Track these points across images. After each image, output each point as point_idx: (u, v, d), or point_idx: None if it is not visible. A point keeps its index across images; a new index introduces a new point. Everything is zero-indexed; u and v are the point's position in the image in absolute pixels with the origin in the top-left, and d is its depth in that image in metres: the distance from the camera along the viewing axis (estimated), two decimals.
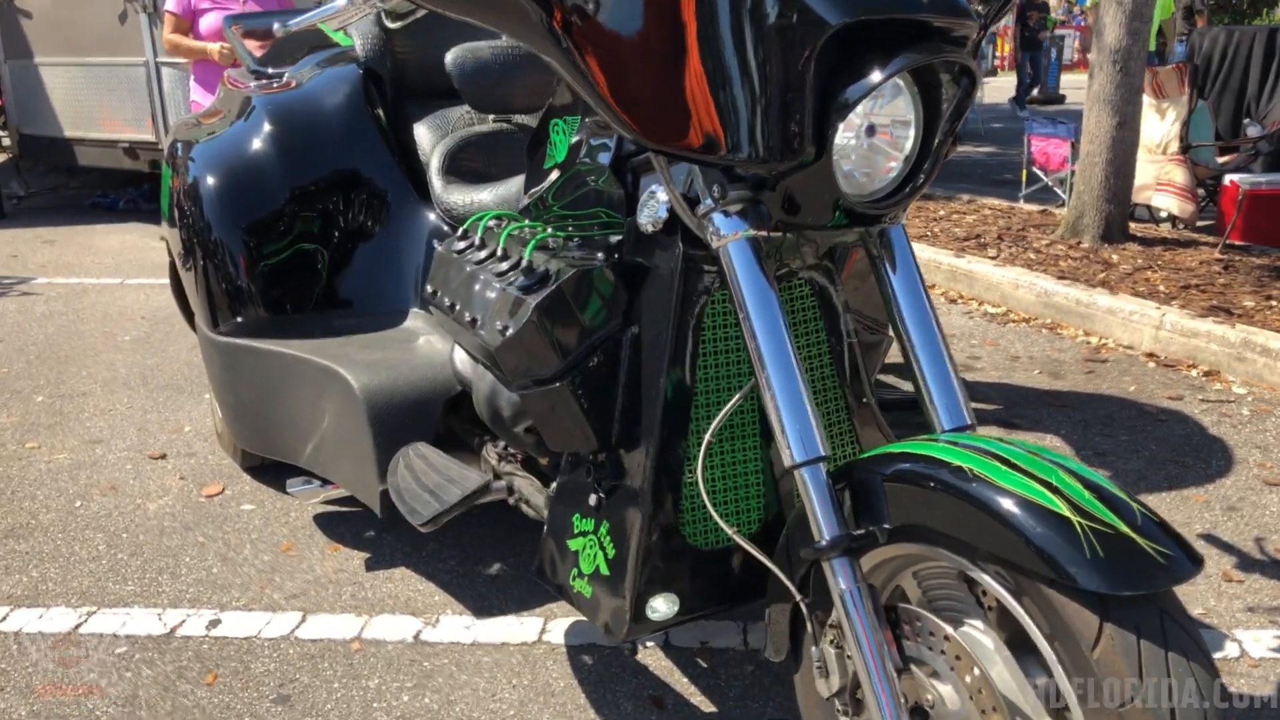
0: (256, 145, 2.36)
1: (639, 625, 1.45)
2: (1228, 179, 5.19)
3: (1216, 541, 2.33)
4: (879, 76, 1.14)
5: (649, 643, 1.95)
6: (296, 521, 2.46)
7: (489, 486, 1.74)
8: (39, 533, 2.42)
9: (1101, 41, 4.65)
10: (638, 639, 1.94)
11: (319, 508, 2.51)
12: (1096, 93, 4.70)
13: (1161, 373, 3.49)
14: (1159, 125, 5.40)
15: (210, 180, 2.33)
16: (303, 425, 2.18)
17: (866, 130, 1.24)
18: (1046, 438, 2.91)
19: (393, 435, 1.93)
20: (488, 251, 1.65)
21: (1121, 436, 2.93)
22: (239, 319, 2.32)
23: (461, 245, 1.72)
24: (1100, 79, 4.67)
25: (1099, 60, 4.68)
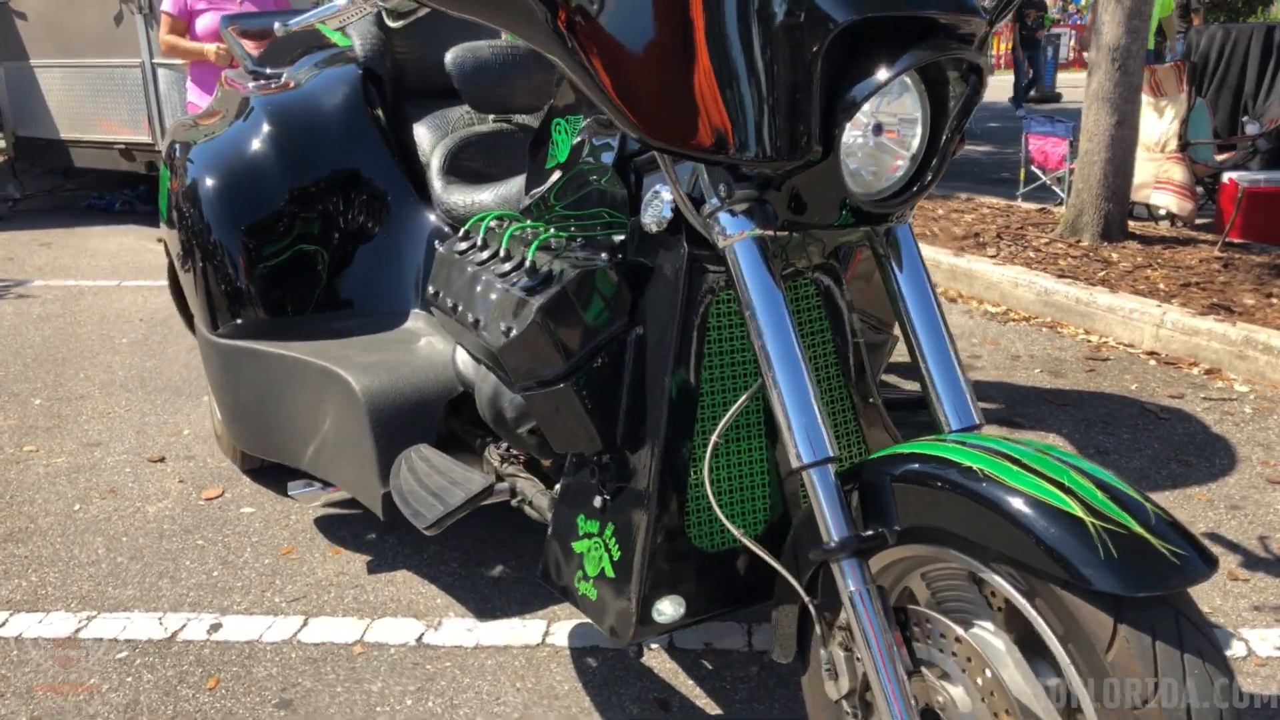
0: (255, 146, 2.35)
1: (645, 628, 1.44)
2: (1226, 177, 5.18)
3: (1221, 540, 2.33)
4: (886, 74, 1.13)
5: (653, 644, 1.94)
6: (297, 524, 2.44)
7: (492, 488, 1.73)
8: (38, 537, 2.41)
9: (1100, 40, 4.65)
10: (643, 642, 1.93)
11: (319, 510, 2.50)
12: (1095, 91, 4.69)
13: (1163, 371, 3.48)
14: (1157, 123, 5.40)
15: (209, 181, 2.32)
16: (303, 427, 2.16)
17: (873, 129, 1.23)
18: (1049, 437, 2.90)
19: (394, 437, 1.92)
20: (490, 252, 1.64)
21: (1124, 435, 2.92)
22: (239, 321, 2.31)
23: (463, 246, 1.71)
24: (1099, 77, 4.67)
25: (1098, 58, 4.67)
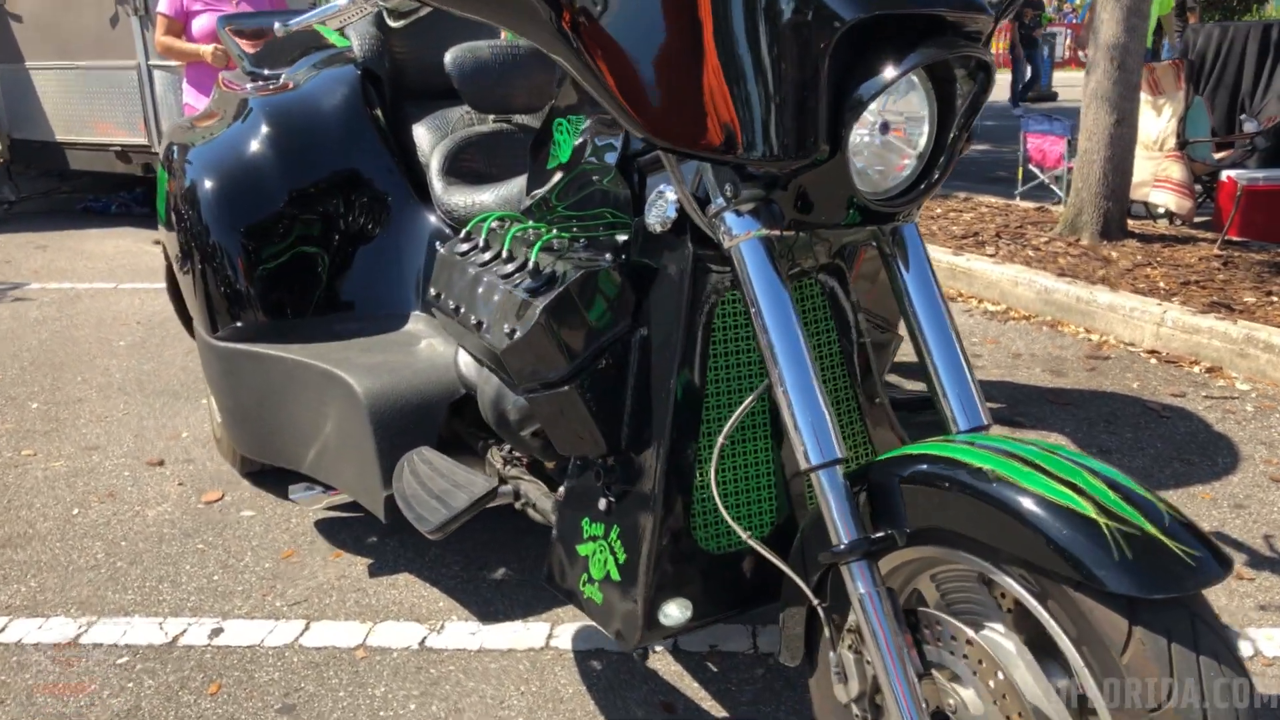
0: (254, 147, 2.34)
1: (651, 631, 1.43)
2: (1224, 175, 5.18)
3: (1225, 539, 2.32)
4: (894, 72, 1.12)
5: (658, 647, 1.93)
6: (297, 528, 2.43)
7: (496, 491, 1.72)
8: (37, 541, 2.39)
9: (1099, 38, 4.64)
10: (649, 645, 1.92)
11: (320, 513, 2.48)
12: (1094, 89, 4.69)
13: (1164, 369, 3.48)
14: (1156, 122, 5.40)
15: (208, 183, 2.31)
16: (304, 430, 2.15)
17: (880, 127, 1.22)
18: (1051, 435, 2.90)
19: (396, 440, 1.91)
20: (492, 253, 1.63)
21: (1126, 434, 2.91)
22: (238, 323, 2.29)
23: (465, 247, 1.70)
24: (1098, 75, 4.66)
25: (1097, 57, 4.67)
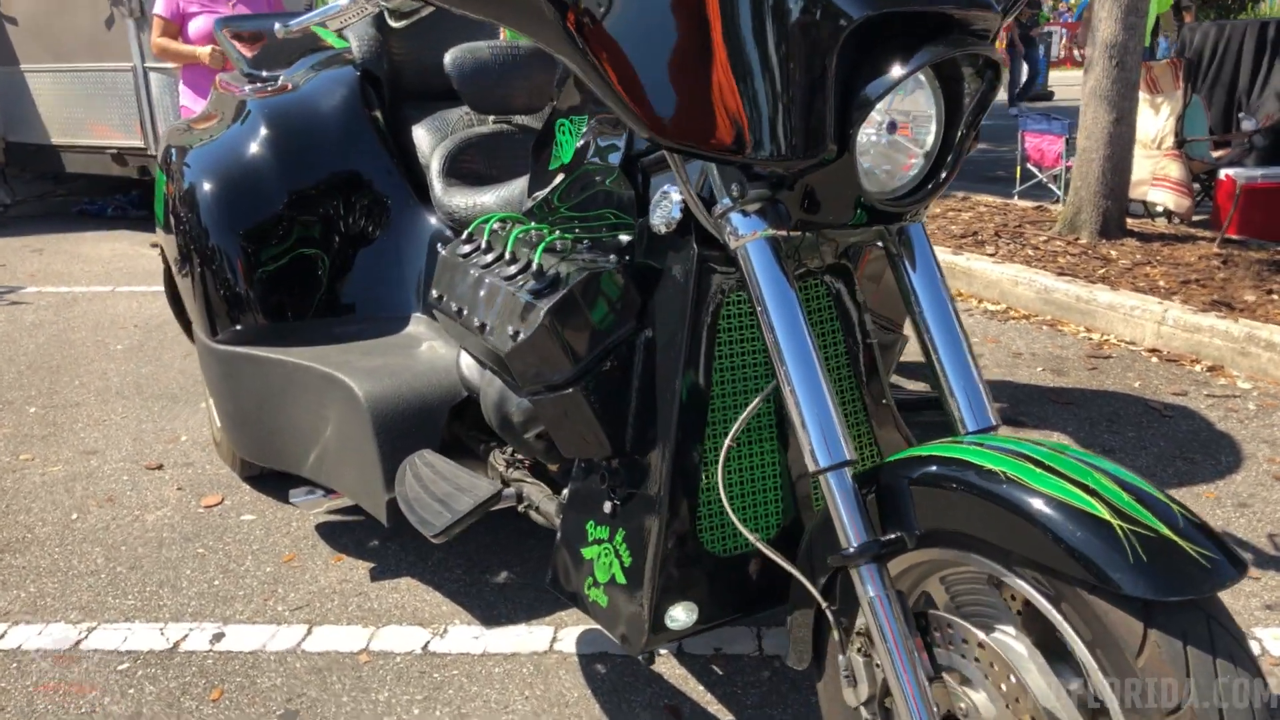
0: (253, 149, 2.32)
1: (658, 635, 1.42)
2: (1223, 173, 5.18)
3: (1231, 538, 2.31)
4: (901, 71, 1.11)
5: (663, 650, 1.92)
6: (298, 532, 2.42)
7: (500, 494, 1.71)
8: (35, 547, 2.38)
9: (1097, 37, 4.63)
10: (655, 649, 1.91)
11: (321, 517, 2.47)
12: (1093, 89, 4.68)
13: (1165, 368, 3.47)
14: (1154, 120, 5.39)
15: (206, 185, 2.29)
16: (305, 434, 2.14)
17: (887, 126, 1.21)
18: (1054, 435, 2.89)
19: (398, 443, 1.90)
20: (495, 255, 1.62)
21: (1128, 433, 2.91)
22: (238, 326, 2.28)
23: (467, 249, 1.69)
24: (1096, 74, 4.66)
25: (1095, 56, 4.66)
